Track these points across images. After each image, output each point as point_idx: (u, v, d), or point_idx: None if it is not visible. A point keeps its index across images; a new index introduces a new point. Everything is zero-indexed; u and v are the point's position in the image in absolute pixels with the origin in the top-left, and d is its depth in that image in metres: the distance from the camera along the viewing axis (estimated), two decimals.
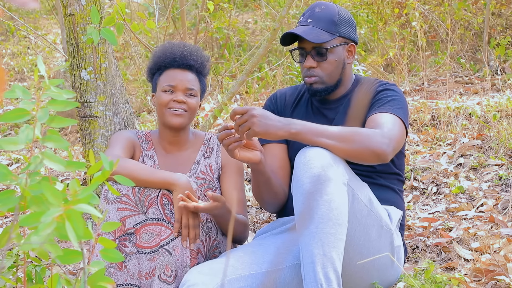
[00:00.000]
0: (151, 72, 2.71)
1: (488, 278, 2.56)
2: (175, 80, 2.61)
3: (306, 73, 2.57)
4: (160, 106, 2.61)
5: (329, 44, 2.53)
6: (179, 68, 2.64)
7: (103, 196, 2.45)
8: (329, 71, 2.55)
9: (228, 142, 2.30)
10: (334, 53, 2.55)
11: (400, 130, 2.42)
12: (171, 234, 2.42)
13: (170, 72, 2.64)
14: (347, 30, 2.57)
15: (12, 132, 5.83)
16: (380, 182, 2.58)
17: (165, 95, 2.61)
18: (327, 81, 2.57)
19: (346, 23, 2.57)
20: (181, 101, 2.59)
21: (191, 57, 2.65)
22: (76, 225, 1.25)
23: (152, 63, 2.70)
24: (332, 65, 2.55)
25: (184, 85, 2.61)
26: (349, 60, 2.59)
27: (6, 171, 1.37)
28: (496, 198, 3.36)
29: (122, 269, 2.41)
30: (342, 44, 2.56)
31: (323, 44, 2.52)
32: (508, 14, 6.45)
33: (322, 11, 2.56)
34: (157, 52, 2.69)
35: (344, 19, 2.57)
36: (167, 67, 2.64)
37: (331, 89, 2.59)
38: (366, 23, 6.32)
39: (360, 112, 2.55)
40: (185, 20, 6.55)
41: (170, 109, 2.60)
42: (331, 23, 2.54)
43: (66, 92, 1.41)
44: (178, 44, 2.69)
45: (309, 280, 2.14)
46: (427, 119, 4.53)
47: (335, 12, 2.56)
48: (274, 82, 5.86)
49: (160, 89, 2.63)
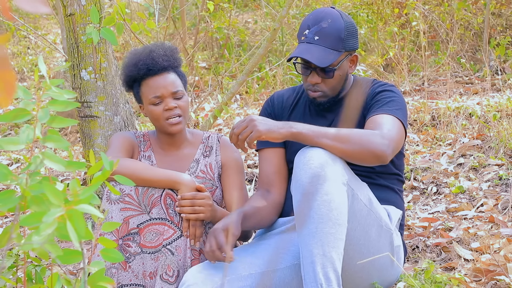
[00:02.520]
0: (128, 85, 2.65)
1: (488, 278, 2.56)
2: (159, 90, 2.56)
3: (310, 87, 2.54)
4: (155, 119, 2.59)
5: (336, 62, 2.51)
6: (156, 74, 2.58)
7: (106, 196, 2.45)
8: (333, 85, 2.54)
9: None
10: (340, 69, 2.53)
11: (399, 131, 2.42)
12: (174, 234, 2.42)
13: (149, 82, 2.58)
14: (352, 42, 2.54)
15: (12, 132, 5.83)
16: (380, 182, 2.58)
17: (155, 107, 2.57)
18: (331, 94, 2.56)
19: (351, 35, 2.53)
20: (173, 107, 2.56)
21: (162, 59, 2.59)
22: (78, 225, 1.25)
23: (125, 77, 2.63)
24: (337, 80, 2.54)
25: (169, 90, 2.57)
26: (351, 70, 2.58)
27: (6, 171, 1.37)
28: (496, 198, 3.36)
29: (126, 269, 2.41)
30: (346, 57, 2.54)
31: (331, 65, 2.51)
32: (508, 14, 6.45)
33: (328, 26, 2.50)
34: (126, 64, 2.62)
35: (350, 32, 2.53)
36: (143, 77, 2.59)
37: (334, 99, 2.58)
38: (366, 23, 6.32)
39: (354, 113, 2.55)
40: (185, 20, 6.56)
41: (167, 120, 2.57)
42: (338, 40, 2.49)
43: (67, 93, 1.42)
44: (144, 51, 2.62)
45: (309, 280, 2.14)
46: (427, 119, 4.53)
47: (342, 27, 2.50)
48: (274, 82, 5.86)
49: (148, 102, 2.58)
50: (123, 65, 2.65)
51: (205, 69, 6.99)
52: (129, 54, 2.66)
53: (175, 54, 2.64)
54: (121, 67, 2.67)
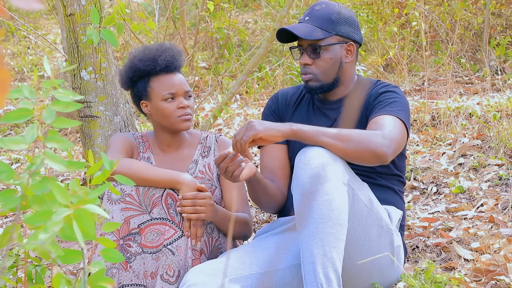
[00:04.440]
0: (132, 80, 2.64)
1: (488, 278, 2.56)
2: (174, 87, 2.59)
3: (302, 70, 2.58)
4: (166, 116, 2.59)
5: (324, 41, 2.53)
6: (170, 72, 2.61)
7: (107, 196, 2.45)
8: (323, 68, 2.55)
9: (232, 169, 2.31)
10: (330, 51, 2.54)
11: (401, 132, 2.42)
12: (175, 234, 2.42)
13: (163, 79, 2.60)
14: (345, 29, 2.56)
15: (12, 132, 5.83)
16: (381, 182, 2.58)
17: (168, 104, 2.58)
18: (322, 79, 2.56)
19: (346, 22, 2.56)
20: (186, 106, 2.59)
21: (176, 58, 2.62)
22: (86, 224, 1.26)
23: (135, 70, 2.62)
24: (327, 63, 2.55)
25: (182, 89, 2.60)
26: (347, 59, 2.58)
27: (9, 170, 1.37)
28: (496, 198, 3.36)
29: (127, 270, 2.41)
30: (339, 42, 2.55)
31: (318, 42, 2.53)
32: (508, 14, 6.45)
33: (321, 9, 2.56)
34: (140, 59, 2.62)
35: (344, 18, 2.56)
36: (157, 73, 2.60)
37: (327, 87, 2.58)
38: (366, 23, 6.31)
39: (356, 112, 2.55)
40: (185, 20, 6.56)
41: (179, 116, 2.58)
42: (328, 21, 2.53)
43: (72, 93, 1.42)
44: (160, 48, 2.63)
45: (309, 280, 2.14)
46: (427, 119, 4.53)
47: (334, 10, 2.55)
48: (274, 82, 5.86)
49: (160, 98, 2.59)
50: (134, 59, 2.63)
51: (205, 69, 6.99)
52: (143, 48, 2.66)
53: (182, 56, 2.67)
54: (130, 61, 2.64)
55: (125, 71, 2.66)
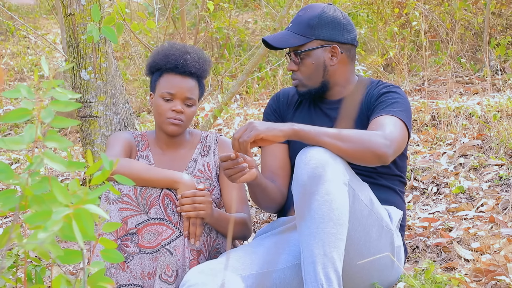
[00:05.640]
0: (150, 70, 2.68)
1: (488, 278, 2.56)
2: (174, 88, 2.58)
3: (291, 76, 2.62)
4: (158, 113, 2.60)
5: (304, 47, 2.54)
6: (180, 74, 2.60)
7: (104, 196, 2.45)
8: (307, 74, 2.56)
9: (233, 172, 2.31)
10: (311, 56, 2.54)
11: (402, 133, 2.41)
12: (172, 234, 2.42)
13: (170, 77, 2.60)
14: (327, 33, 2.54)
15: (12, 132, 5.83)
16: (381, 182, 2.57)
17: (163, 102, 2.58)
18: (308, 84, 2.57)
19: (326, 25, 2.54)
20: (179, 111, 2.57)
21: (193, 64, 2.61)
22: (86, 224, 1.26)
23: (152, 62, 2.66)
24: (310, 68, 2.56)
25: (183, 94, 2.59)
26: (332, 62, 2.56)
27: (9, 170, 1.37)
28: (496, 198, 3.36)
29: (125, 270, 2.41)
30: (321, 46, 2.54)
31: (298, 48, 2.55)
32: (508, 14, 6.45)
33: (303, 14, 2.57)
34: (159, 52, 2.65)
35: (326, 21, 2.54)
36: (167, 70, 2.61)
37: (315, 91, 2.58)
38: (366, 23, 6.31)
39: (355, 113, 2.55)
40: (185, 20, 6.56)
41: (168, 118, 2.58)
42: (306, 26, 2.54)
43: (71, 93, 1.41)
44: (181, 49, 2.64)
45: (309, 280, 2.14)
46: (427, 119, 4.52)
47: (315, 15, 2.54)
48: (274, 82, 5.86)
49: (159, 94, 2.60)
50: (155, 51, 2.68)
51: None
52: (167, 43, 2.70)
53: (205, 65, 2.66)
54: (152, 52, 2.70)
55: (148, 59, 2.70)
